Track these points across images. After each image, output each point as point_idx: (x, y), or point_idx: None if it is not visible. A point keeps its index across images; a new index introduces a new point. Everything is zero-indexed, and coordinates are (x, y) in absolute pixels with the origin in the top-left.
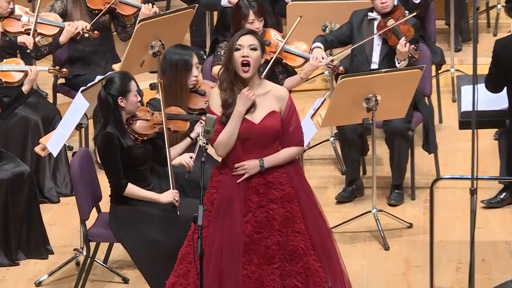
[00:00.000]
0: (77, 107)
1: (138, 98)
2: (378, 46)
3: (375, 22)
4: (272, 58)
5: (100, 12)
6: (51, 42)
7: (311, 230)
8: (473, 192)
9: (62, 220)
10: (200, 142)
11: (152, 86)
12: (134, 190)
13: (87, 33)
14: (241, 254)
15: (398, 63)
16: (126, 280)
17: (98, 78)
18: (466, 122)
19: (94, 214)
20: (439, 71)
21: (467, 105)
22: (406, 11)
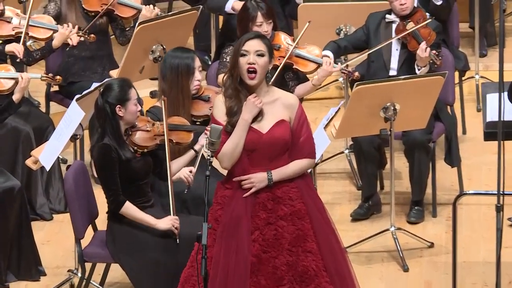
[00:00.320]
0: (71, 117)
1: (138, 108)
2: (396, 51)
3: (394, 25)
4: (281, 63)
5: (97, 14)
6: (44, 46)
7: (324, 249)
8: (499, 208)
9: (55, 239)
10: (204, 154)
11: (152, 94)
12: (131, 210)
13: (83, 36)
14: (248, 275)
15: (418, 70)
16: None
17: (95, 86)
18: (491, 133)
19: (90, 233)
20: (463, 78)
21: (493, 114)
22: (427, 13)
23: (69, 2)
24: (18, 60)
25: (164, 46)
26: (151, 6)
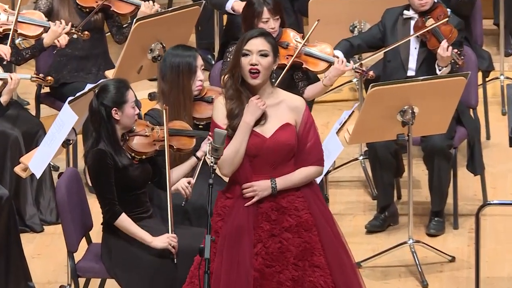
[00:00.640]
0: (64, 121)
1: (136, 111)
2: (415, 50)
3: (412, 22)
4: (289, 62)
5: (91, 10)
6: (34, 45)
7: (332, 264)
8: None
9: (46, 252)
10: (207, 161)
11: (151, 96)
12: (126, 223)
13: (76, 34)
14: None
15: (439, 70)
16: None
17: (89, 87)
18: None
19: (83, 246)
20: (487, 79)
21: None
22: (448, 9)
23: None
24: (5, 62)
25: (163, 44)
26: (151, 2)
